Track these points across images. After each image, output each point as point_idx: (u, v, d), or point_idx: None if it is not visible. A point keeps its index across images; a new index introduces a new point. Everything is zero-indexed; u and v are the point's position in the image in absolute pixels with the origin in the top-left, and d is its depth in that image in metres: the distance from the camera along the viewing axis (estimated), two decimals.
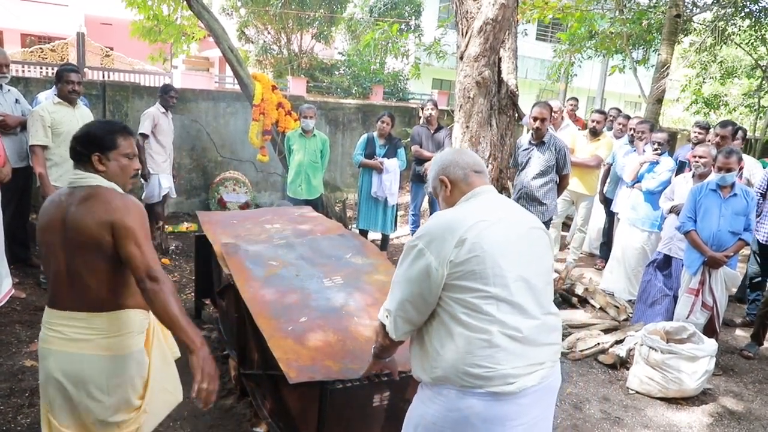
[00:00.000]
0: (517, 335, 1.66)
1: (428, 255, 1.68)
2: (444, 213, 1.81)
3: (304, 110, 5.65)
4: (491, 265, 1.65)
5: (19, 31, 18.83)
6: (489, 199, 1.86)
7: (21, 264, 4.86)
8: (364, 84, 14.76)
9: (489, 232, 1.69)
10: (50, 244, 1.99)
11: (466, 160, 1.91)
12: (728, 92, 16.70)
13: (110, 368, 1.97)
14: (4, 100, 4.40)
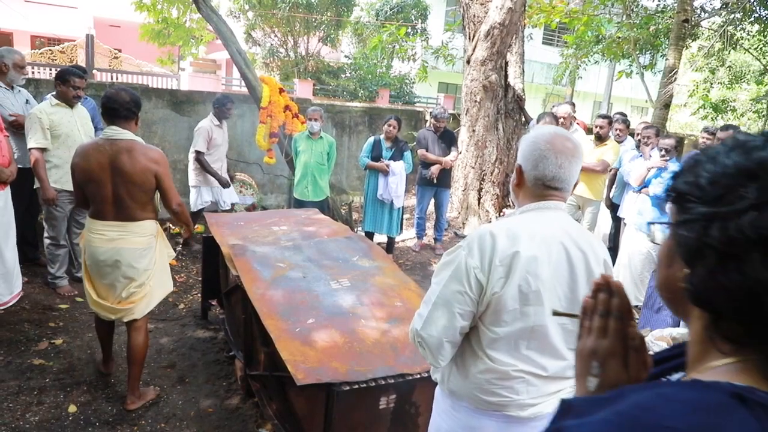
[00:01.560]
0: (542, 374, 1.60)
1: (471, 260, 1.53)
2: (499, 228, 1.57)
3: (310, 112, 5.68)
4: (534, 302, 1.53)
5: (28, 33, 18.98)
6: (555, 219, 1.62)
7: (30, 263, 4.89)
8: (371, 87, 14.80)
9: (542, 267, 1.53)
10: (97, 179, 2.82)
11: (549, 171, 1.59)
12: (736, 97, 16.64)
13: (135, 255, 2.93)
14: (16, 101, 4.44)
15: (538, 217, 1.61)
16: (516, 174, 1.68)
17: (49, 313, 4.12)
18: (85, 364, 3.45)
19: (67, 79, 4.18)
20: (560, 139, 1.62)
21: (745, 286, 0.62)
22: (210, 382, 3.40)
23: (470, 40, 7.60)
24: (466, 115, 7.68)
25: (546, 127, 1.69)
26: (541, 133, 1.65)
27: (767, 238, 0.61)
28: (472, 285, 1.52)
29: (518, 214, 1.65)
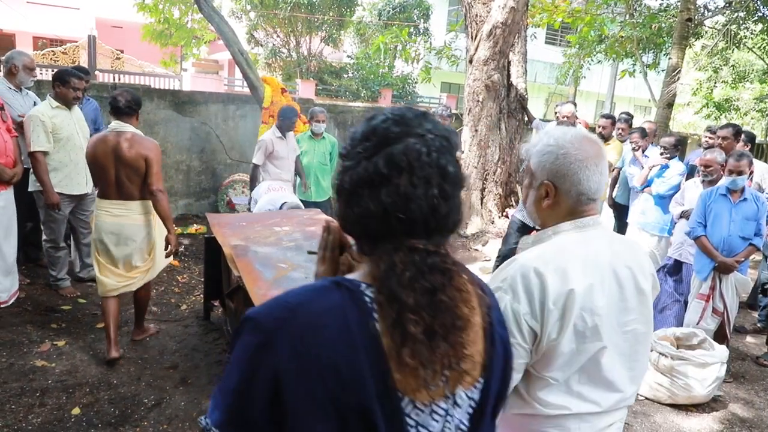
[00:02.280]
0: (595, 409, 1.44)
1: (518, 305, 1.32)
2: (541, 261, 1.34)
3: (315, 113, 5.67)
4: (591, 339, 1.35)
5: (31, 34, 19.03)
6: (598, 238, 1.43)
7: (32, 264, 4.90)
8: (373, 87, 14.80)
9: (597, 300, 1.35)
10: (101, 164, 3.36)
11: (593, 181, 1.40)
12: (740, 96, 16.59)
13: (137, 230, 3.48)
14: (24, 103, 4.43)
15: (579, 238, 1.41)
16: (545, 193, 1.43)
17: (52, 314, 4.12)
18: (87, 366, 3.45)
19: (67, 80, 4.12)
20: (589, 143, 1.42)
21: (360, 214, 0.90)
22: (213, 384, 3.39)
23: (472, 40, 7.59)
24: (469, 114, 7.67)
25: (562, 131, 1.44)
26: (565, 141, 1.41)
27: (372, 179, 0.89)
28: (525, 334, 1.32)
29: (553, 235, 1.44)
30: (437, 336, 0.87)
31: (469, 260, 6.48)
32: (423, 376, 0.87)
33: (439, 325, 0.88)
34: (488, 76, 7.34)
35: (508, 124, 7.88)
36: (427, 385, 0.87)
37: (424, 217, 0.90)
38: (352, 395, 0.84)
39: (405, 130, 0.92)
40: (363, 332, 0.86)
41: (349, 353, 0.84)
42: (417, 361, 0.85)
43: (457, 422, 0.94)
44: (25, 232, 4.85)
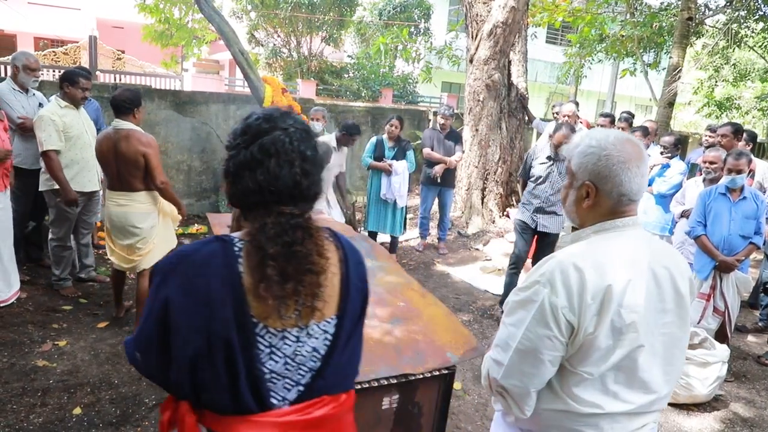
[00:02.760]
0: (628, 409, 1.43)
1: (557, 299, 1.35)
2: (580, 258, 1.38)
3: (313, 113, 5.68)
4: (628, 336, 1.36)
5: (32, 35, 19.06)
6: (636, 239, 1.46)
7: (34, 264, 4.91)
8: (374, 87, 14.80)
9: (635, 298, 1.36)
10: (105, 159, 3.62)
11: (635, 182, 1.42)
12: (741, 95, 16.57)
13: (141, 217, 3.72)
14: (28, 104, 4.44)
15: (618, 238, 1.43)
16: (586, 193, 1.45)
17: (53, 314, 4.12)
18: (88, 366, 3.45)
19: (76, 81, 4.18)
20: (631, 145, 1.44)
21: (241, 190, 1.19)
22: None
23: (473, 40, 7.59)
24: (470, 114, 7.67)
25: (605, 133, 1.47)
26: (607, 142, 1.43)
27: (249, 163, 1.17)
28: (562, 327, 1.35)
29: (592, 234, 1.46)
30: (289, 277, 1.15)
31: (470, 260, 6.48)
32: (275, 307, 1.15)
33: (293, 269, 1.16)
34: (489, 76, 7.34)
35: (508, 124, 7.88)
36: (279, 314, 1.16)
37: (289, 189, 1.19)
38: (215, 322, 1.12)
39: (272, 125, 1.21)
40: (229, 271, 1.15)
41: (218, 287, 1.13)
42: (270, 294, 1.13)
43: (310, 348, 1.22)
44: (26, 231, 4.86)
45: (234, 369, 1.15)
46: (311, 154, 1.23)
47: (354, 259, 1.33)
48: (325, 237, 1.28)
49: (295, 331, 1.20)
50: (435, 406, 2.44)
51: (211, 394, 1.17)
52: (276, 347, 1.18)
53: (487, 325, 4.73)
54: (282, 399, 1.21)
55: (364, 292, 1.34)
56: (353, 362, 1.36)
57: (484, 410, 3.43)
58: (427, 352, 2.39)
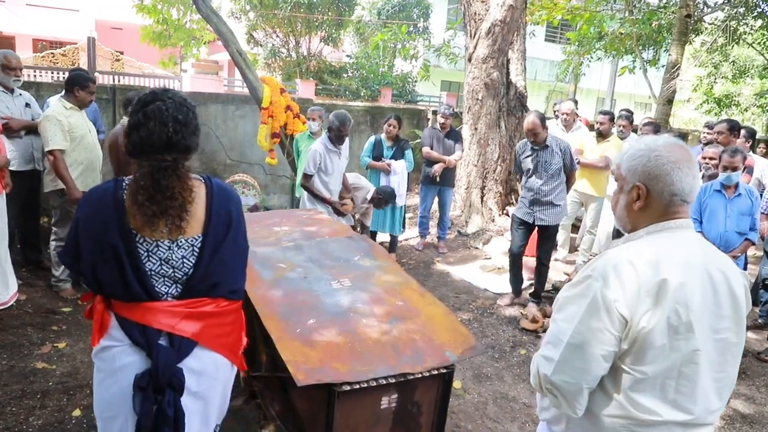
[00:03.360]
0: (685, 419, 1.39)
1: (609, 292, 1.33)
2: (634, 254, 1.37)
3: (309, 112, 5.69)
4: (685, 336, 1.34)
5: (30, 37, 19.06)
6: (691, 240, 1.44)
7: (33, 267, 4.90)
8: (373, 86, 14.78)
9: (691, 295, 1.34)
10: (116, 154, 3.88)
11: (686, 182, 1.41)
12: (740, 92, 16.55)
13: None
14: (14, 104, 4.43)
15: (672, 238, 1.41)
16: (637, 195, 1.45)
17: (52, 316, 4.12)
18: (88, 367, 3.45)
19: (87, 85, 4.28)
20: (680, 148, 1.44)
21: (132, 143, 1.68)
22: None
23: (471, 38, 7.58)
24: (468, 113, 7.66)
25: (653, 138, 1.49)
26: (657, 144, 1.44)
27: (137, 125, 1.65)
28: (615, 321, 1.33)
29: (645, 236, 1.44)
30: (156, 202, 1.63)
31: (470, 258, 6.48)
32: (146, 222, 1.65)
33: (160, 196, 1.64)
34: (487, 74, 7.33)
35: (507, 122, 7.87)
36: (150, 228, 1.66)
37: (163, 143, 1.66)
38: (107, 234, 1.64)
39: (155, 98, 1.70)
40: (116, 198, 1.68)
41: (109, 209, 1.66)
42: (140, 212, 1.64)
43: (180, 256, 1.72)
44: (23, 234, 4.86)
45: (122, 266, 1.66)
46: (182, 118, 1.71)
47: (219, 194, 1.81)
48: (194, 177, 1.78)
49: (167, 242, 1.70)
50: (434, 406, 2.44)
51: (109, 287, 1.69)
52: (152, 252, 1.69)
53: (486, 323, 4.72)
54: (166, 293, 1.74)
55: (227, 218, 1.80)
56: (226, 274, 1.81)
57: (484, 409, 3.42)
58: (426, 351, 2.39)
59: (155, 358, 1.67)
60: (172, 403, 1.67)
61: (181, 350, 1.72)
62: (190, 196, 1.70)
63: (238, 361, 1.94)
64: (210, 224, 1.76)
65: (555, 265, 5.99)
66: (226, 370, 1.90)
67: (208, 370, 1.79)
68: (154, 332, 1.69)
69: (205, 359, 1.78)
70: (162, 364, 1.66)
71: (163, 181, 1.65)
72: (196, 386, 1.76)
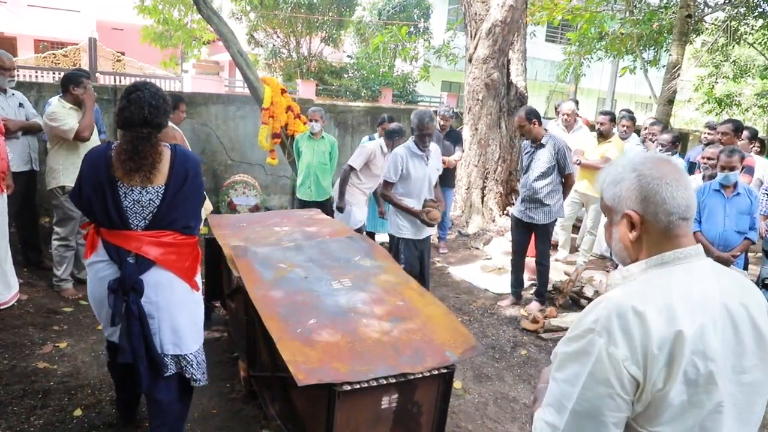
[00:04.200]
0: None
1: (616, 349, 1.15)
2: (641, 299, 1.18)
3: (310, 113, 5.68)
4: (706, 388, 1.17)
5: (32, 37, 19.07)
6: (705, 271, 1.26)
7: (33, 267, 4.91)
8: (373, 87, 14.79)
9: (710, 343, 1.17)
10: None
11: (679, 197, 1.25)
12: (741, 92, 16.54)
13: None
14: (7, 105, 4.42)
15: (682, 273, 1.23)
16: (629, 225, 1.29)
17: (53, 316, 4.13)
18: (89, 367, 3.46)
19: (81, 82, 4.26)
20: (661, 161, 1.30)
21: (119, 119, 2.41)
22: (214, 384, 3.39)
23: (472, 39, 7.58)
24: (469, 113, 7.66)
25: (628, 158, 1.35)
26: (635, 163, 1.30)
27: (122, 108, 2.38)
28: (625, 383, 1.15)
29: (648, 269, 1.27)
30: (132, 160, 2.30)
31: (470, 259, 6.48)
32: (125, 174, 2.31)
33: (137, 157, 2.31)
34: (488, 75, 7.34)
35: (508, 123, 7.87)
36: (128, 178, 2.32)
37: (140, 121, 2.34)
38: (99, 179, 2.32)
39: (136, 89, 2.39)
40: (106, 155, 2.34)
41: (100, 163, 2.34)
42: (120, 166, 2.31)
43: (148, 199, 2.35)
44: (22, 234, 4.87)
45: (106, 202, 2.32)
46: (155, 103, 2.38)
47: (179, 158, 2.44)
48: (163, 145, 2.42)
49: (139, 188, 2.35)
50: (434, 406, 2.44)
51: (98, 217, 2.37)
52: (128, 194, 2.34)
53: (487, 324, 4.73)
54: (136, 225, 2.36)
55: (184, 175, 2.42)
56: (181, 213, 2.44)
57: (484, 409, 3.43)
58: (427, 351, 2.39)
59: (123, 270, 2.34)
60: (135, 302, 2.33)
61: (142, 267, 2.36)
62: (159, 158, 2.38)
63: (191, 282, 2.54)
64: (171, 178, 2.39)
65: (556, 265, 5.99)
66: (182, 288, 2.49)
67: (163, 283, 2.41)
68: (125, 252, 2.35)
69: (161, 275, 2.41)
70: (127, 274, 2.33)
71: (139, 146, 2.33)
72: (155, 296, 2.40)
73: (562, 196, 4.83)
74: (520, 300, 5.15)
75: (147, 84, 2.44)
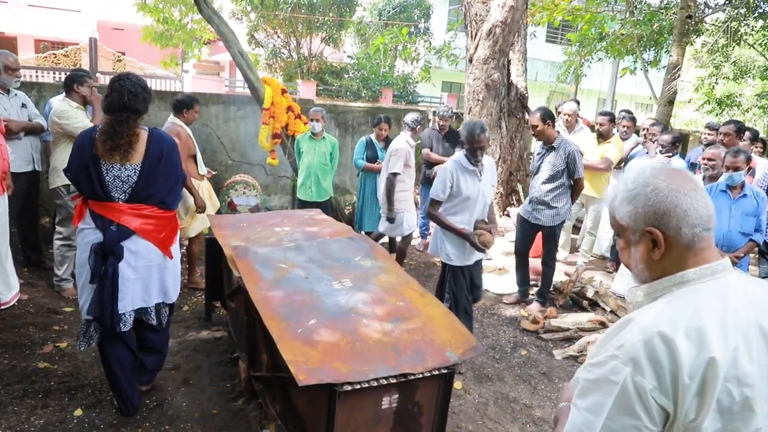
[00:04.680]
0: None
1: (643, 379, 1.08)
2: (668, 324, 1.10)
3: (312, 113, 5.68)
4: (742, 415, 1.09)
5: (32, 37, 19.07)
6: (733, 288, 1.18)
7: (34, 267, 4.92)
8: (374, 87, 14.79)
9: (745, 367, 1.09)
10: None
11: (700, 206, 1.19)
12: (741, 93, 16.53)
13: None
14: (10, 105, 4.42)
15: (709, 291, 1.16)
16: (652, 242, 1.21)
17: (54, 316, 4.13)
18: (89, 367, 3.46)
19: (85, 80, 4.29)
20: (674, 171, 1.24)
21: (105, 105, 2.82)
22: (214, 384, 3.40)
23: (472, 39, 7.59)
24: (469, 114, 7.66)
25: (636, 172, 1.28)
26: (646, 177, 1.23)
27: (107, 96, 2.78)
28: (654, 415, 1.08)
29: (674, 288, 1.19)
30: (111, 140, 2.68)
31: None
32: (106, 152, 2.69)
33: (116, 138, 2.68)
34: (488, 75, 7.34)
35: (508, 123, 7.88)
36: (108, 156, 2.69)
37: (119, 105, 2.71)
38: (84, 157, 2.71)
39: (120, 79, 2.76)
40: (91, 137, 2.74)
41: (86, 143, 2.74)
42: (101, 146, 2.70)
43: (126, 175, 2.73)
44: (22, 234, 4.87)
45: (91, 177, 2.69)
46: (134, 91, 2.73)
47: (155, 139, 2.82)
48: (141, 128, 2.80)
49: (119, 165, 2.72)
50: (435, 406, 2.44)
51: (85, 190, 2.75)
52: (109, 170, 2.71)
53: (487, 324, 4.73)
54: (118, 197, 2.74)
55: (159, 154, 2.80)
56: (157, 189, 2.81)
57: (484, 410, 3.43)
58: (427, 351, 2.40)
59: (105, 236, 2.71)
60: (113, 265, 2.70)
61: (122, 235, 2.74)
62: (135, 138, 2.74)
63: (166, 251, 2.92)
64: (147, 157, 2.77)
65: (556, 265, 5.99)
66: (158, 256, 2.88)
67: (142, 251, 2.81)
68: (108, 221, 2.73)
69: (140, 244, 2.80)
70: (108, 240, 2.70)
71: (118, 128, 2.70)
72: (134, 262, 2.79)
73: (570, 199, 4.83)
74: (526, 298, 5.16)
75: (130, 75, 2.82)
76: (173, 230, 2.98)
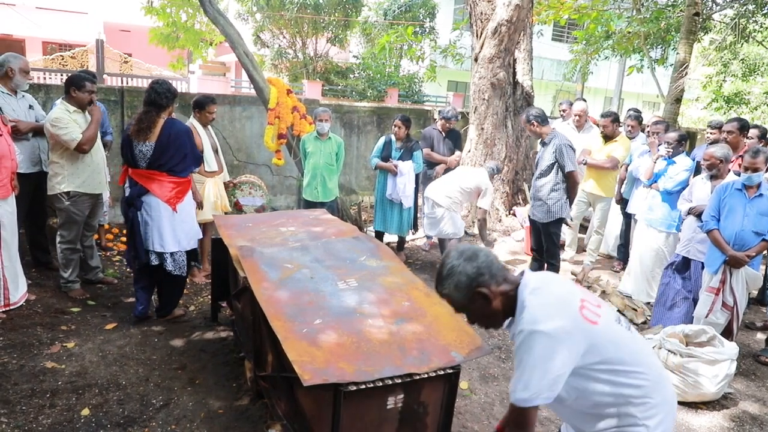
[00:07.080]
0: None
1: None
2: None
3: (318, 113, 5.68)
4: None
5: (40, 39, 19.20)
6: None
7: (42, 267, 4.94)
8: (379, 87, 14.79)
9: None
10: None
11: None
12: (750, 90, 16.40)
13: None
14: (18, 106, 4.44)
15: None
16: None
17: (61, 316, 4.16)
18: (96, 367, 3.48)
19: (83, 85, 4.17)
20: None
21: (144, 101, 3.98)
22: (220, 384, 3.41)
23: (478, 38, 7.57)
24: (475, 113, 7.65)
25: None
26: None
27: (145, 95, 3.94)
28: None
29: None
30: (140, 125, 3.81)
31: None
32: (134, 134, 3.82)
33: (141, 124, 3.81)
34: (494, 74, 7.32)
35: (514, 122, 7.85)
36: (136, 136, 3.81)
37: (148, 102, 3.84)
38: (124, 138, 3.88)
39: (153, 83, 3.91)
40: (129, 125, 3.93)
41: (126, 129, 3.93)
42: (132, 129, 3.84)
43: (146, 149, 3.81)
44: (30, 235, 4.90)
45: (130, 152, 3.82)
46: (159, 91, 3.80)
47: (168, 126, 3.83)
48: (162, 117, 3.83)
49: (141, 143, 3.79)
50: (440, 406, 2.44)
51: (125, 159, 3.91)
52: (135, 146, 3.80)
53: None
54: (142, 166, 3.83)
55: (168, 136, 3.80)
56: (167, 159, 3.84)
57: (490, 409, 3.42)
58: (432, 351, 2.39)
59: (131, 191, 3.84)
60: (133, 213, 3.82)
61: (140, 192, 3.83)
62: (155, 125, 3.78)
63: (173, 206, 3.91)
64: (160, 137, 3.79)
65: (562, 265, 5.96)
66: (167, 210, 3.90)
67: (153, 205, 3.85)
68: (133, 181, 3.86)
69: (152, 199, 3.85)
70: (130, 194, 3.85)
71: (144, 117, 3.79)
72: (149, 212, 3.85)
73: (564, 195, 4.78)
74: None
75: (160, 81, 3.91)
76: (181, 191, 4.00)
